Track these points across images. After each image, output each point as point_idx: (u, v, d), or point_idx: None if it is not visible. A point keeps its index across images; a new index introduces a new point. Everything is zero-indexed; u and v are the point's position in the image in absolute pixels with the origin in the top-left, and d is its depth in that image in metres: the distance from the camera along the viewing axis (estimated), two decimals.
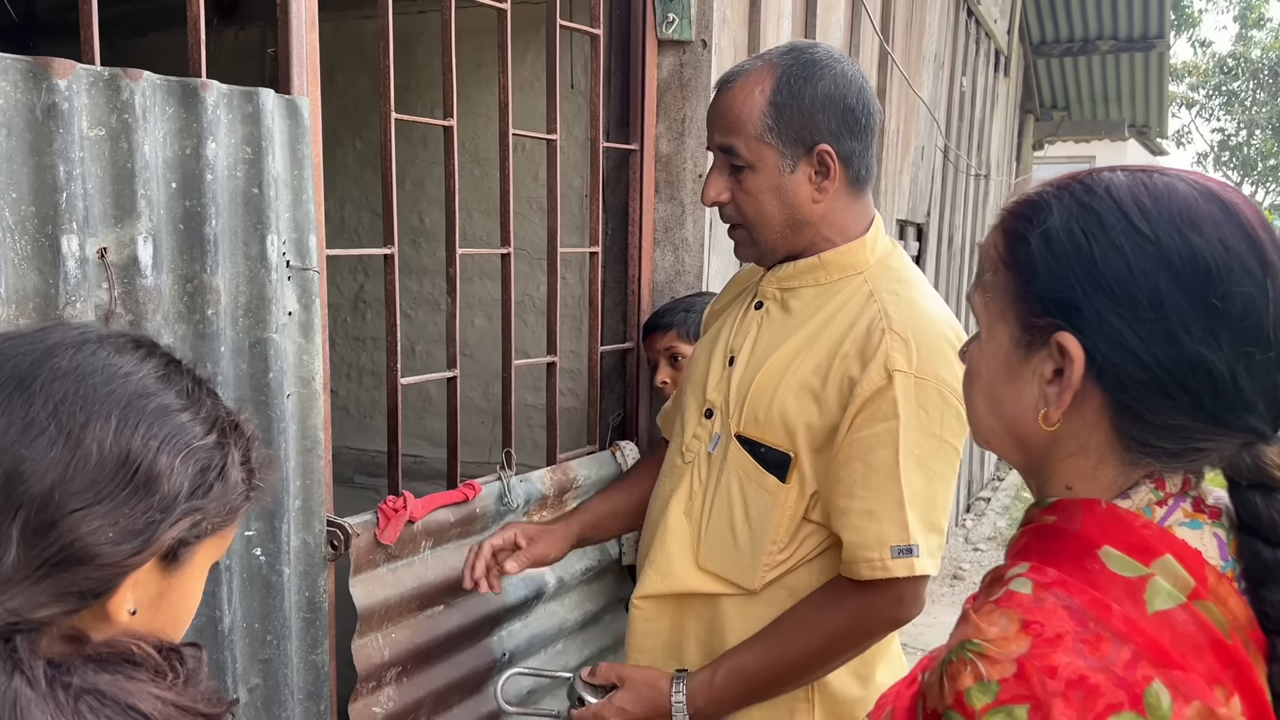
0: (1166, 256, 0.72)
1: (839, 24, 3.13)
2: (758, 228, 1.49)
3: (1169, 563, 0.72)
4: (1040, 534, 0.79)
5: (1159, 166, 0.79)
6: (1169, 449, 0.75)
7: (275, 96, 1.45)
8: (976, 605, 0.76)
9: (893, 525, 1.34)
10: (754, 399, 1.47)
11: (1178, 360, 0.72)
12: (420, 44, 2.72)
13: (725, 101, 1.46)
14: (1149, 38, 7.35)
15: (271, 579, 1.49)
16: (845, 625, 1.39)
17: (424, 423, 2.76)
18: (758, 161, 1.45)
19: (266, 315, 1.44)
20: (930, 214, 4.78)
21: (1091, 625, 0.70)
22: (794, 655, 1.41)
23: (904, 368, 1.36)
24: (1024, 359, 0.79)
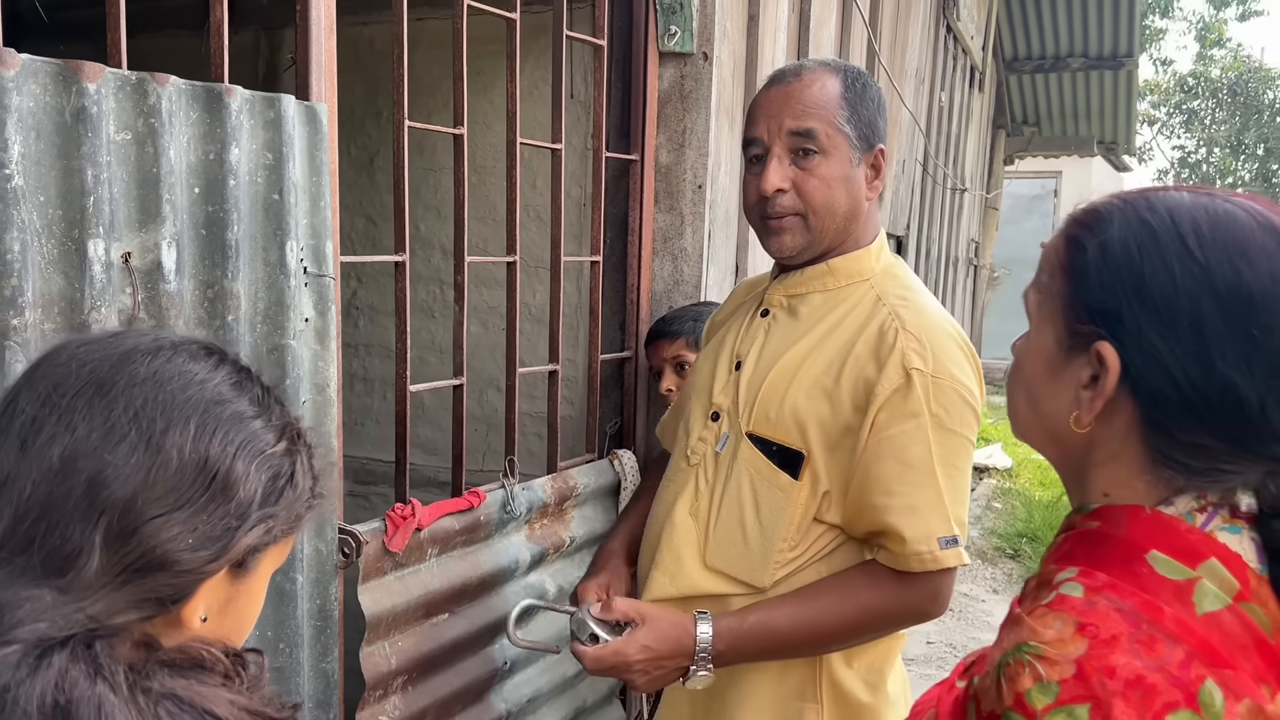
0: (1213, 282, 0.74)
1: (830, 38, 3.17)
2: (820, 214, 1.50)
3: (1214, 566, 0.75)
4: (1085, 539, 0.81)
5: (1229, 193, 0.81)
6: (1194, 466, 0.77)
7: (296, 103, 1.45)
8: (1026, 608, 0.77)
9: (937, 518, 1.39)
10: (765, 398, 1.50)
11: (1209, 383, 0.74)
12: (418, 50, 2.71)
13: (798, 89, 1.48)
14: (1118, 56, 7.49)
15: (285, 587, 1.48)
16: (881, 607, 1.42)
17: (416, 429, 2.74)
18: (833, 149, 1.48)
19: (284, 321, 1.44)
20: (910, 226, 4.83)
21: (1145, 627, 0.71)
22: (824, 623, 1.43)
23: (921, 367, 1.41)
24: (1065, 361, 0.81)
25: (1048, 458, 0.88)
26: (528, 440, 2.61)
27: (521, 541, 2.02)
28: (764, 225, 1.53)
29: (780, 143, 1.49)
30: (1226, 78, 23.84)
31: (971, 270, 7.13)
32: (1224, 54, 24.66)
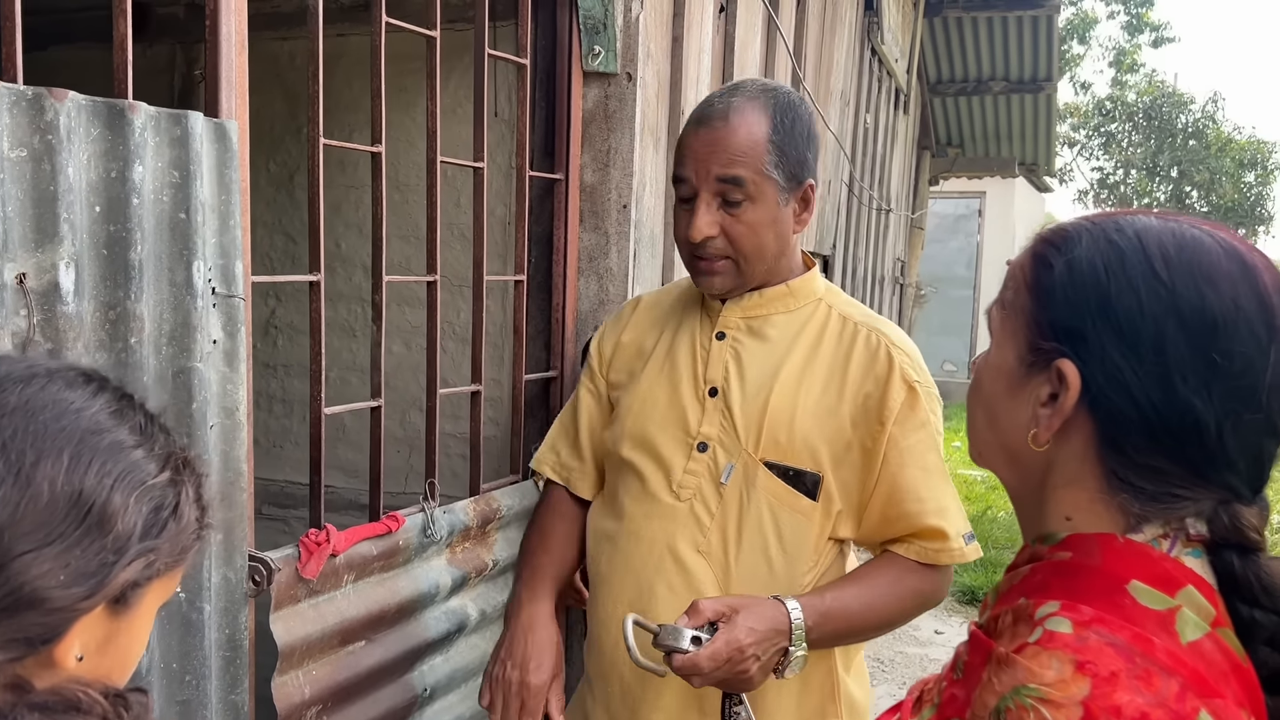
0: (1178, 305, 0.75)
1: (755, 60, 3.20)
2: (750, 259, 1.51)
3: (1192, 593, 0.75)
4: (1059, 570, 0.79)
5: (1196, 220, 0.81)
6: (1148, 489, 0.77)
7: (204, 120, 1.41)
8: (1012, 647, 0.75)
9: (959, 517, 1.50)
10: (773, 424, 1.51)
11: (1169, 405, 0.74)
12: (339, 67, 2.68)
13: (725, 135, 1.47)
14: (1038, 80, 7.70)
15: (191, 617, 1.43)
16: (922, 591, 1.52)
17: (337, 451, 2.70)
18: (760, 195, 1.48)
19: (191, 344, 1.40)
20: (835, 246, 4.90)
21: (1139, 660, 0.70)
22: (882, 606, 1.50)
23: (918, 379, 1.50)
24: (1025, 379, 0.82)
25: (1005, 481, 0.88)
26: (452, 462, 2.58)
27: (442, 566, 1.99)
28: (695, 264, 1.55)
29: (708, 188, 1.49)
30: (1141, 102, 24.67)
31: (897, 288, 7.24)
32: (1139, 79, 25.53)
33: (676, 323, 1.66)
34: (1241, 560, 0.76)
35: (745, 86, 1.53)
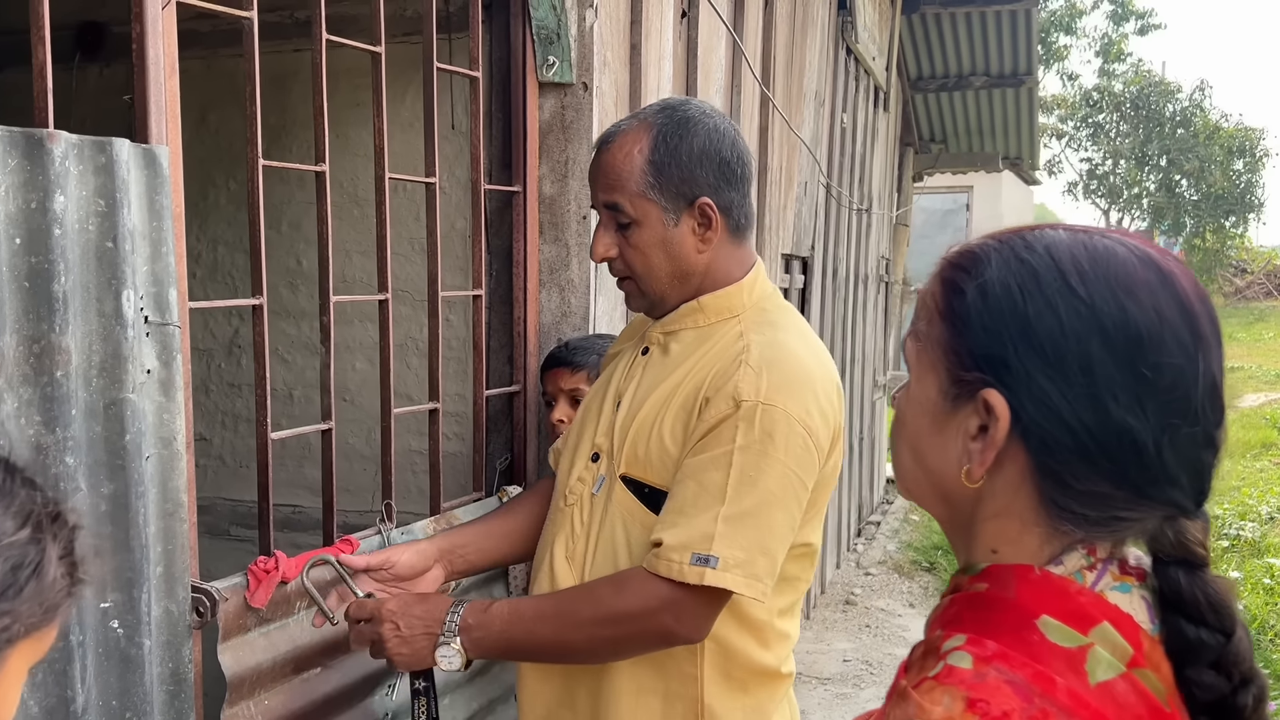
0: (1100, 321, 0.71)
1: (720, 65, 3.18)
2: (646, 280, 1.54)
3: (1107, 631, 0.71)
4: (973, 603, 0.76)
5: (1103, 229, 0.78)
6: (1091, 516, 0.73)
7: (131, 146, 1.38)
8: (913, 681, 0.73)
9: (700, 534, 1.36)
10: (634, 439, 1.50)
11: (1103, 427, 0.71)
12: (296, 82, 2.66)
13: (605, 161, 1.51)
14: (1019, 74, 7.68)
15: (131, 652, 1.41)
16: (623, 612, 1.40)
17: (303, 471, 2.67)
18: (642, 217, 1.50)
19: (122, 374, 1.37)
20: (814, 247, 4.87)
21: (1037, 701, 0.67)
22: (563, 617, 1.43)
23: (750, 396, 1.40)
24: (951, 412, 0.77)
25: (935, 516, 0.84)
26: (418, 479, 2.55)
27: None
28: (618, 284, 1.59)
29: (601, 211, 1.53)
30: (1129, 91, 24.69)
31: (883, 286, 7.23)
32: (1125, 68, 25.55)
33: (637, 337, 1.67)
34: (1188, 577, 0.72)
35: (646, 109, 1.55)
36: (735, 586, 1.36)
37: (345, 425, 2.63)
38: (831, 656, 4.88)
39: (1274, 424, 9.60)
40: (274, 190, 2.71)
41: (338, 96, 2.61)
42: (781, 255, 4.26)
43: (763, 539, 1.38)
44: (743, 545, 1.36)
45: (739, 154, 1.52)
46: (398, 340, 2.59)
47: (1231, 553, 6.46)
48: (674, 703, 1.48)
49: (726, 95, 3.31)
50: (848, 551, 6.55)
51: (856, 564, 6.44)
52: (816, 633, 5.21)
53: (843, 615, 5.49)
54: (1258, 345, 15.46)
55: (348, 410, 2.63)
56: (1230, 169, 23.32)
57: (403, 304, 2.56)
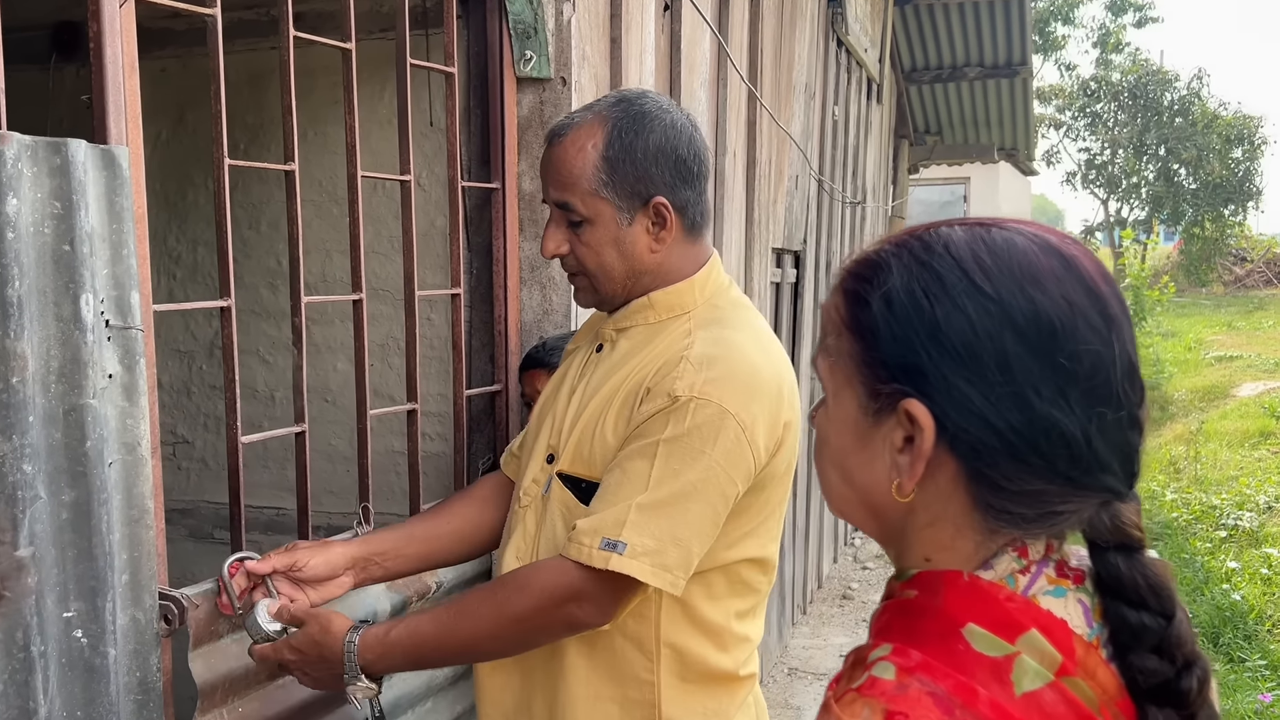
0: (1010, 316, 0.69)
1: (705, 58, 3.15)
2: (598, 278, 1.51)
3: (1035, 638, 0.69)
4: (903, 610, 0.75)
5: (998, 220, 0.76)
6: (1027, 514, 0.72)
7: (88, 147, 1.36)
8: (838, 692, 0.71)
9: (613, 520, 1.35)
10: (579, 437, 1.48)
11: (1030, 424, 0.69)
12: (274, 80, 2.62)
13: (557, 157, 1.46)
14: (1013, 64, 7.66)
15: (95, 662, 1.38)
16: (525, 609, 1.39)
17: (287, 473, 2.65)
18: (594, 216, 1.46)
19: (83, 380, 1.35)
20: (807, 241, 4.85)
21: (958, 713, 0.66)
22: (467, 628, 1.40)
23: (684, 392, 1.37)
24: (873, 426, 0.75)
25: (869, 532, 0.82)
26: (401, 480, 2.53)
27: (380, 591, 1.94)
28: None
29: (554, 208, 1.50)
30: (1126, 81, 24.63)
31: None
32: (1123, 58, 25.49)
33: (592, 333, 1.64)
34: (1127, 561, 0.71)
35: (601, 101, 1.50)
36: (640, 574, 1.34)
37: (327, 426, 2.61)
38: (828, 652, 4.86)
39: (1272, 413, 9.57)
40: (253, 189, 2.68)
41: (316, 94, 2.59)
42: (772, 250, 4.23)
43: (676, 529, 1.35)
44: (654, 534, 1.34)
45: (695, 151, 1.49)
46: (379, 340, 2.57)
47: (1229, 543, 6.44)
48: (631, 709, 1.47)
49: (712, 89, 3.28)
50: (844, 546, 6.54)
51: (854, 558, 6.42)
52: (813, 628, 5.19)
53: (839, 610, 5.47)
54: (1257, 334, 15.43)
55: (329, 411, 2.60)
56: (1228, 157, 23.25)
57: (384, 303, 2.53)
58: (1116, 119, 25.14)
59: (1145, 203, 25.31)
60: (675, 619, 1.45)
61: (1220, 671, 4.57)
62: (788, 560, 4.85)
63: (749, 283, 3.82)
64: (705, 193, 1.52)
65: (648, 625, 1.46)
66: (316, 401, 2.59)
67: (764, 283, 4.09)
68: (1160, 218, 24.77)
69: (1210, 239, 23.30)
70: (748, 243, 3.79)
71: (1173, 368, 12.92)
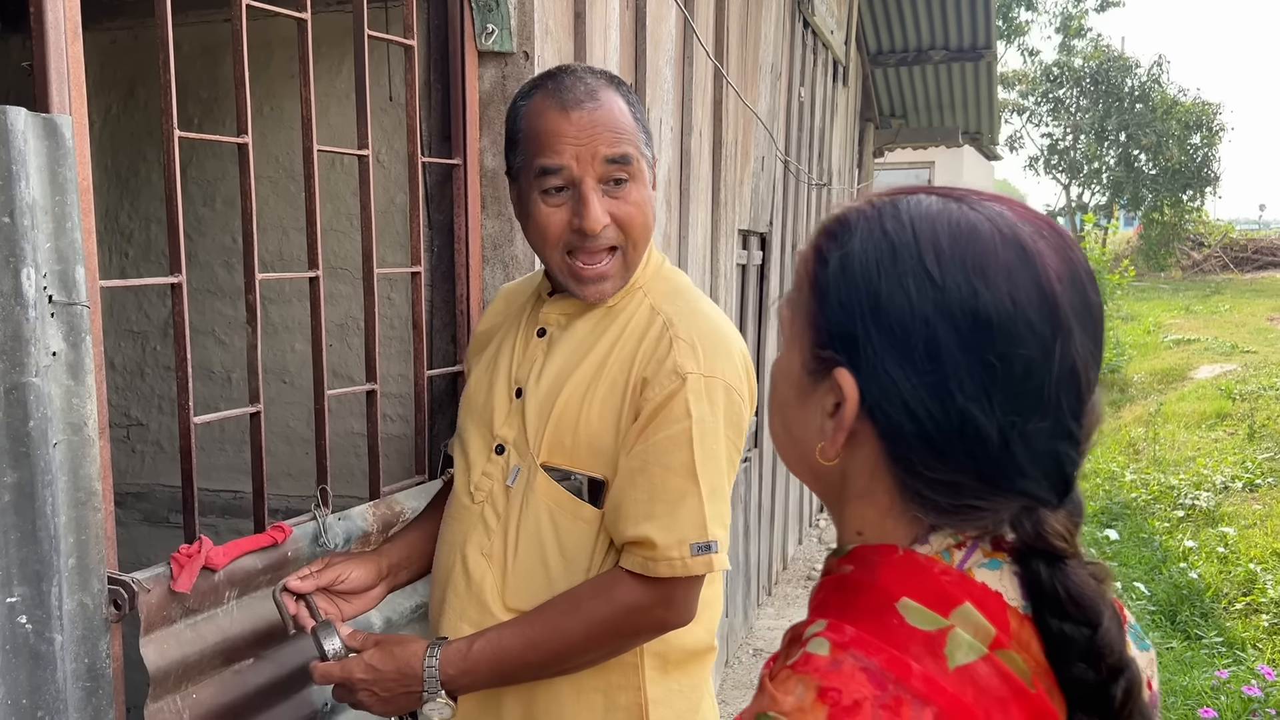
0: (949, 304, 0.67)
1: (670, 35, 3.11)
2: (639, 245, 1.45)
3: (969, 611, 0.69)
4: (839, 586, 0.74)
5: (981, 196, 0.73)
6: (942, 504, 0.71)
7: (29, 115, 1.30)
8: (774, 671, 0.70)
9: (692, 525, 1.33)
10: (557, 426, 1.43)
11: (947, 416, 0.67)
12: (228, 54, 2.55)
13: (604, 115, 1.41)
14: (977, 48, 7.68)
15: (41, 648, 1.34)
16: (611, 618, 1.36)
17: (244, 455, 2.59)
18: (640, 174, 1.44)
19: (24, 357, 1.30)
20: (773, 223, 4.83)
21: (891, 688, 0.65)
22: (554, 639, 1.37)
23: (693, 369, 1.37)
24: (812, 387, 0.75)
25: (812, 490, 0.81)
26: (361, 462, 2.48)
27: None
28: (577, 270, 1.44)
29: (593, 173, 1.40)
30: (1088, 67, 24.84)
31: None
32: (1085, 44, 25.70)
33: (518, 316, 1.59)
34: (1048, 569, 0.70)
35: (580, 69, 1.46)
36: (728, 564, 1.38)
37: (285, 408, 2.56)
38: None
39: (1228, 395, 9.72)
40: (208, 165, 2.62)
41: (272, 67, 2.53)
42: (739, 231, 4.21)
43: (724, 512, 1.38)
44: (723, 522, 1.37)
45: None
46: (339, 319, 2.52)
47: (1187, 522, 6.54)
48: (615, 695, 1.45)
49: (678, 67, 3.24)
50: (809, 528, 6.56)
51: (819, 539, 6.45)
52: (778, 609, 5.20)
53: (804, 591, 5.49)
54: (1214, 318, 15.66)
55: (287, 392, 2.55)
56: (1187, 143, 23.55)
57: (343, 282, 2.49)
58: (1078, 104, 25.37)
59: (1106, 188, 25.59)
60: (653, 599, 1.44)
61: (1177, 649, 4.64)
62: (753, 541, 4.86)
63: (715, 264, 3.80)
64: None
65: None
66: (274, 382, 2.54)
67: (730, 264, 4.07)
68: (1120, 203, 25.06)
69: (1169, 224, 23.61)
70: (714, 224, 3.77)
71: (1132, 351, 13.09)
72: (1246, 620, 4.90)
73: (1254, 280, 20.81)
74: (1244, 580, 5.35)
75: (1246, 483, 7.08)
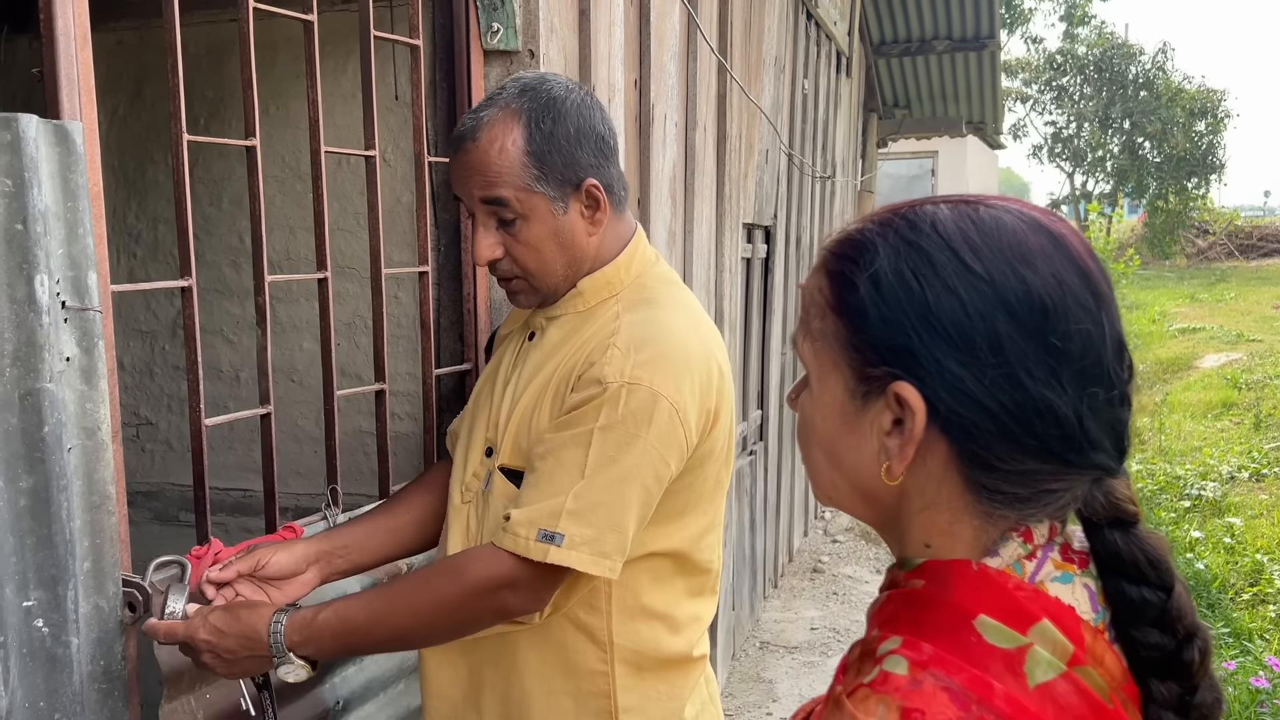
0: (1002, 296, 0.69)
1: (674, 30, 3.11)
2: (540, 276, 1.46)
3: (1047, 629, 0.69)
4: (910, 601, 0.74)
5: (980, 197, 0.75)
6: (1021, 494, 0.71)
7: (40, 123, 1.31)
8: (848, 687, 0.70)
9: (548, 511, 1.33)
10: (515, 429, 1.45)
11: (1023, 405, 0.68)
12: (234, 54, 2.56)
13: (477, 158, 1.41)
14: (981, 38, 7.66)
15: (57, 651, 1.36)
16: (457, 595, 1.36)
17: (253, 454, 2.61)
18: (530, 212, 1.42)
19: (38, 363, 1.31)
20: (777, 216, 4.83)
21: (974, 709, 0.65)
22: (399, 613, 1.37)
23: (614, 378, 1.35)
24: (861, 409, 0.74)
25: (862, 518, 0.80)
26: (370, 460, 2.50)
27: (353, 584, 1.91)
28: (500, 284, 1.51)
29: (479, 210, 1.43)
30: (1092, 54, 24.76)
31: None
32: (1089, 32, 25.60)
33: (524, 320, 1.61)
34: (1124, 536, 0.71)
35: (503, 92, 1.45)
36: (579, 565, 1.33)
37: (294, 407, 2.57)
38: (799, 625, 4.89)
39: (1234, 383, 9.71)
40: (214, 165, 2.62)
41: (278, 68, 2.53)
42: (743, 225, 4.21)
43: (613, 516, 1.34)
44: (591, 523, 1.33)
45: (609, 126, 1.48)
46: (347, 319, 2.53)
47: (1193, 513, 6.54)
48: (585, 700, 1.46)
49: (682, 62, 3.24)
50: (815, 520, 6.57)
51: (824, 531, 6.46)
52: (784, 601, 5.22)
53: (810, 583, 5.50)
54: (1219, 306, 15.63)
55: (296, 392, 2.56)
56: (1192, 131, 23.47)
57: (350, 281, 2.49)
58: (1082, 92, 25.29)
59: (1110, 176, 25.52)
60: (625, 607, 1.44)
61: None
62: (759, 534, 4.87)
63: (720, 258, 3.80)
64: (619, 164, 1.51)
65: (599, 616, 1.44)
66: (283, 382, 2.55)
67: (734, 258, 4.08)
68: (1125, 191, 25.00)
69: (1174, 212, 23.56)
70: (718, 218, 3.77)
71: (1137, 340, 13.07)
72: (1254, 611, 4.90)
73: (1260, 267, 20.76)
74: (1251, 571, 5.36)
75: (1253, 472, 7.08)
